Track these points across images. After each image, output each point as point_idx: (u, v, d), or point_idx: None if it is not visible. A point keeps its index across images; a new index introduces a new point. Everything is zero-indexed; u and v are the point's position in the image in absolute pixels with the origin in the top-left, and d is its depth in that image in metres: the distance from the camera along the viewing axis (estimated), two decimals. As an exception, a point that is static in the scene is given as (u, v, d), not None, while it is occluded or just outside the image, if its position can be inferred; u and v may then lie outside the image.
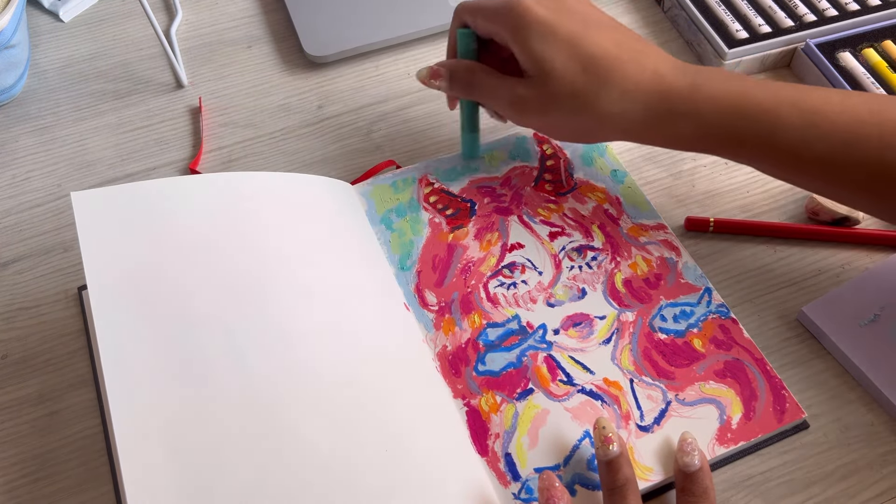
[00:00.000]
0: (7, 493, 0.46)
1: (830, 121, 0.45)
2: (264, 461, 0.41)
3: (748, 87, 0.47)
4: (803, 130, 0.45)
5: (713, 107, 0.47)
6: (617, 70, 0.47)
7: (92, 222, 0.47)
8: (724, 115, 0.46)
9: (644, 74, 0.47)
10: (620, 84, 0.47)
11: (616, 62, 0.47)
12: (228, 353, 0.44)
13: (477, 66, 0.52)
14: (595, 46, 0.48)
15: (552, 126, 0.51)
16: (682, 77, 0.48)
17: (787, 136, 0.46)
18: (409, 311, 0.51)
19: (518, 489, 0.44)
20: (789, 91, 0.46)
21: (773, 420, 0.46)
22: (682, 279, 0.52)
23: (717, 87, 0.47)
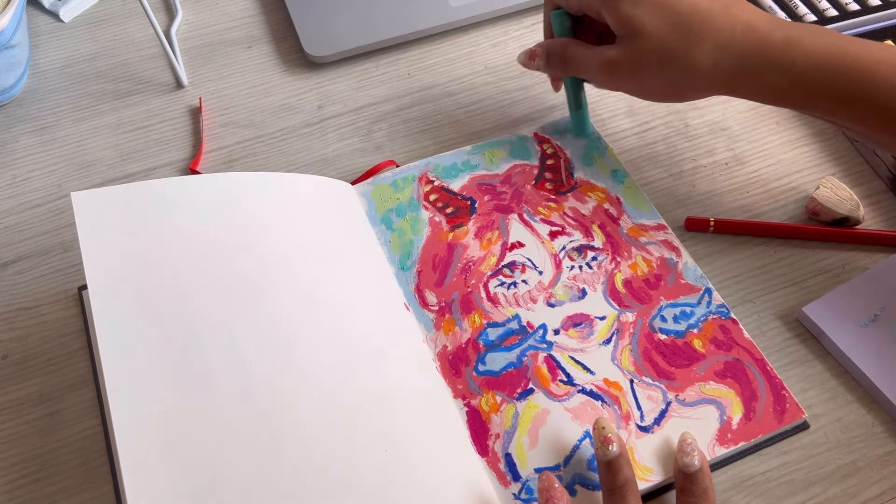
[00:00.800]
0: (7, 493, 0.46)
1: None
2: (264, 462, 0.41)
3: (846, 44, 0.46)
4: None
5: (809, 60, 0.46)
6: (708, 23, 0.48)
7: (92, 222, 0.47)
8: (819, 70, 0.46)
9: (737, 26, 0.47)
10: (713, 37, 0.48)
11: (707, 15, 0.48)
12: (228, 353, 0.44)
13: (569, 41, 0.54)
14: (685, 3, 0.48)
15: (643, 85, 0.52)
16: (778, 30, 0.47)
17: (885, 95, 0.45)
18: (410, 312, 0.51)
19: (518, 489, 0.44)
20: (888, 52, 0.46)
21: (774, 420, 0.46)
22: (682, 279, 0.52)
23: (814, 41, 0.46)
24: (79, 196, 0.48)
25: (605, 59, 0.51)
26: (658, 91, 0.52)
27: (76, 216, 0.47)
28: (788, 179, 0.59)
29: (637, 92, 0.53)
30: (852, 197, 0.55)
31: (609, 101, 0.64)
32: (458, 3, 0.69)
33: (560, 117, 0.61)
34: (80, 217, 0.47)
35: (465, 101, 0.65)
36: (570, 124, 0.60)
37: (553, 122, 0.60)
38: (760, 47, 0.47)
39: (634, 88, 0.53)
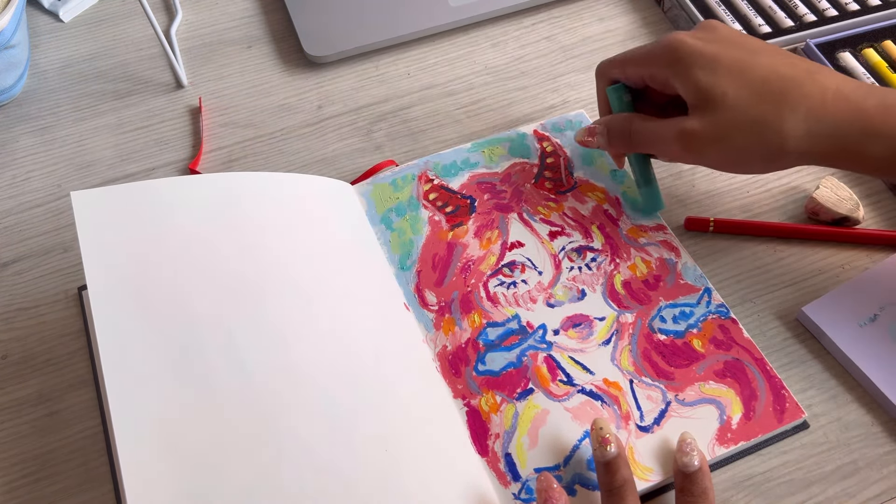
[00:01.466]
0: (7, 493, 0.46)
1: None
2: (263, 462, 0.41)
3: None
4: None
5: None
6: (795, 90, 0.45)
7: (91, 222, 0.47)
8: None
9: (827, 94, 0.45)
10: (804, 103, 0.45)
11: (793, 83, 0.45)
12: (228, 353, 0.44)
13: (633, 116, 0.51)
14: (765, 69, 0.45)
15: (729, 157, 0.48)
16: (870, 96, 0.45)
17: None
18: (409, 311, 0.51)
19: (518, 489, 0.44)
20: None
21: (773, 420, 0.46)
22: (681, 280, 0.52)
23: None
24: (78, 196, 0.48)
25: (684, 131, 0.47)
26: (745, 163, 0.48)
27: (76, 216, 0.47)
28: (788, 179, 0.59)
29: (720, 164, 0.49)
30: (852, 197, 0.55)
31: (609, 101, 0.64)
32: (458, 3, 0.69)
33: (559, 116, 0.61)
34: (80, 217, 0.47)
35: (465, 101, 0.65)
36: (569, 122, 0.60)
37: (553, 120, 0.60)
38: (856, 115, 0.44)
39: (718, 161, 0.49)
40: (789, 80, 0.45)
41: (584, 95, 0.65)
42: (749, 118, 0.45)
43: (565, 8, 0.71)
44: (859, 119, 0.44)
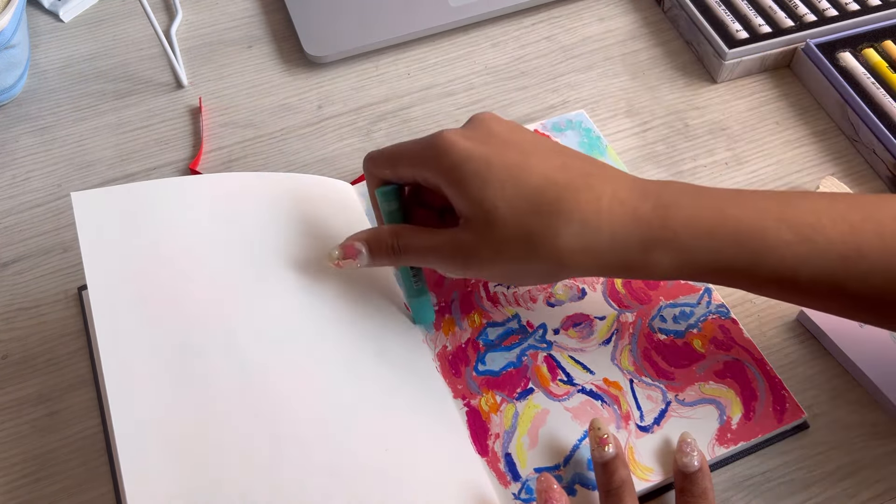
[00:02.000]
0: (7, 493, 0.46)
1: (824, 234, 0.39)
2: (263, 461, 0.41)
3: (724, 205, 0.41)
4: (796, 248, 0.39)
5: (689, 234, 0.40)
6: (569, 200, 0.40)
7: (92, 222, 0.47)
8: (703, 243, 0.40)
9: (602, 201, 0.40)
10: (578, 215, 0.40)
11: (566, 191, 0.40)
12: (227, 353, 0.44)
13: (401, 229, 0.45)
14: (539, 177, 0.41)
15: (506, 273, 0.44)
16: (645, 199, 0.41)
17: (779, 257, 0.40)
18: (409, 311, 0.51)
19: (518, 489, 0.44)
20: (771, 204, 0.41)
21: (774, 420, 0.46)
22: (682, 279, 0.52)
23: (689, 207, 0.40)
24: (78, 196, 0.48)
25: (456, 246, 0.43)
26: (524, 278, 0.44)
27: (76, 216, 0.47)
28: (788, 179, 0.59)
29: (499, 279, 0.47)
30: (852, 197, 0.55)
31: (609, 100, 0.64)
32: (458, 3, 0.69)
33: (559, 117, 0.61)
34: (80, 217, 0.47)
35: (465, 102, 0.65)
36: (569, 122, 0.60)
37: (554, 120, 0.60)
38: (633, 222, 0.40)
39: (495, 276, 0.45)
40: (563, 187, 0.41)
41: (584, 95, 0.65)
42: (522, 234, 0.41)
43: (565, 8, 0.71)
44: (637, 225, 0.40)
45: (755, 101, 0.64)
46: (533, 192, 0.41)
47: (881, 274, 0.39)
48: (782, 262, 0.40)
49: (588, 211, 0.40)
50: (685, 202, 0.41)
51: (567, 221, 0.40)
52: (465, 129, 0.44)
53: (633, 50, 0.68)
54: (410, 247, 0.44)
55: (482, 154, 0.42)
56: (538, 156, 0.42)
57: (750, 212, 0.40)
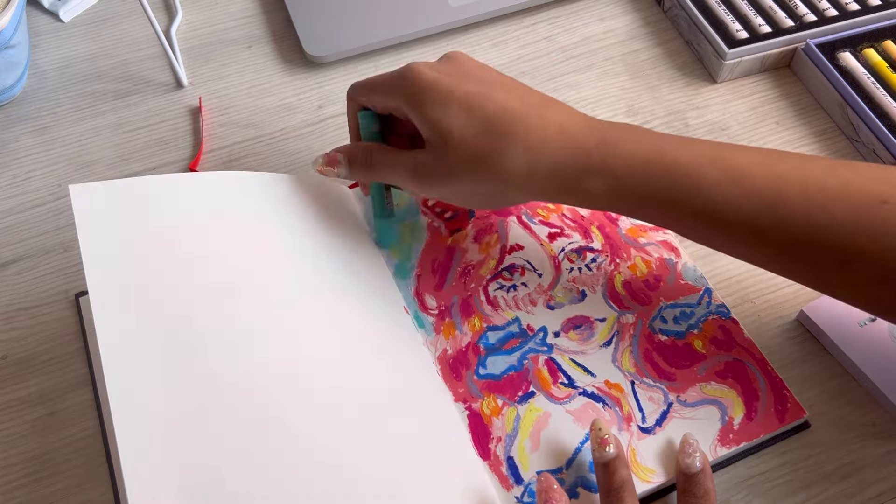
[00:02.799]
0: (7, 493, 0.46)
1: (752, 179, 0.42)
2: (263, 462, 0.41)
3: (664, 144, 0.43)
4: (725, 188, 0.42)
5: (626, 165, 0.43)
6: (519, 126, 0.44)
7: (90, 216, 0.47)
8: (638, 174, 0.43)
9: (549, 130, 0.44)
10: (523, 141, 0.44)
11: (517, 118, 0.44)
12: (226, 352, 0.44)
13: (374, 146, 0.50)
14: (494, 104, 0.45)
15: (458, 193, 0.48)
16: (591, 133, 0.44)
17: (708, 196, 0.42)
18: (409, 315, 0.51)
19: (521, 493, 0.44)
20: (707, 148, 0.43)
21: (775, 420, 0.46)
22: (681, 280, 0.52)
23: (630, 144, 0.43)
24: (77, 189, 0.47)
25: (417, 165, 0.47)
26: (476, 199, 0.49)
27: (74, 210, 0.46)
28: (788, 180, 0.59)
29: (453, 199, 0.49)
30: (852, 197, 0.55)
31: (609, 100, 0.64)
32: (458, 3, 0.69)
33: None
34: (79, 211, 0.47)
35: (466, 102, 0.65)
36: None
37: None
38: (575, 151, 0.44)
39: (449, 195, 0.48)
40: (515, 115, 0.44)
41: (585, 95, 0.65)
42: (473, 155, 0.45)
43: (565, 8, 0.71)
44: (578, 155, 0.44)
45: (755, 101, 0.64)
46: (488, 118, 0.44)
47: (800, 224, 0.41)
48: (710, 201, 0.42)
49: (535, 138, 0.44)
50: (628, 139, 0.44)
51: (514, 145, 0.44)
52: (435, 63, 0.49)
53: (633, 50, 0.68)
54: (380, 163, 0.49)
55: (446, 84, 0.46)
56: (499, 89, 0.46)
57: (686, 153, 0.43)
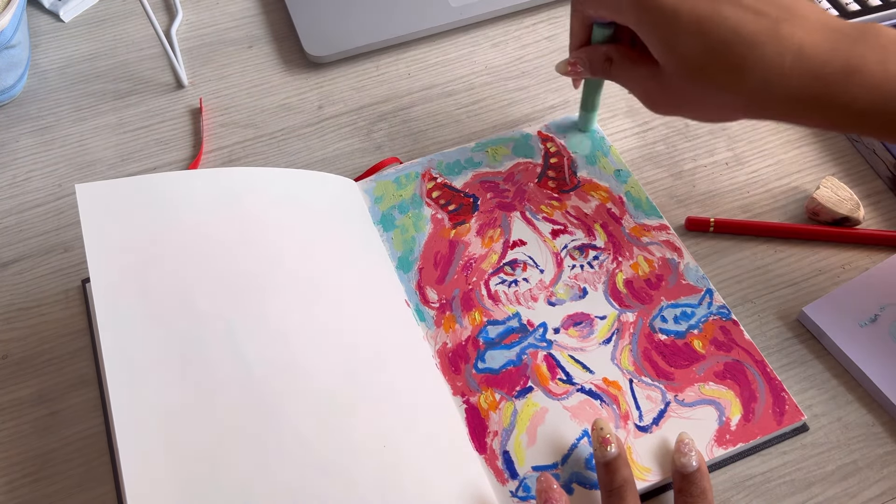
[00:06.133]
0: (8, 493, 0.46)
1: None
2: (263, 459, 0.41)
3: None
4: None
5: (871, 97, 0.40)
6: (754, 54, 0.42)
7: (96, 215, 0.47)
8: (880, 108, 0.40)
9: (785, 58, 0.41)
10: (759, 73, 0.42)
11: (752, 47, 0.41)
12: (229, 347, 0.44)
13: (613, 52, 0.50)
14: (726, 29, 0.42)
15: (687, 115, 0.49)
16: (833, 55, 0.41)
17: None
18: (410, 308, 0.51)
19: (516, 487, 0.44)
20: None
21: (773, 422, 0.46)
22: (683, 280, 0.52)
23: (876, 73, 0.40)
24: (83, 188, 0.48)
25: (648, 88, 0.48)
26: (702, 118, 0.49)
27: (80, 209, 0.47)
28: (788, 179, 0.59)
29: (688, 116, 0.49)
30: (852, 197, 0.55)
31: (609, 100, 0.64)
32: (458, 3, 0.69)
33: (563, 117, 0.61)
34: (84, 210, 0.47)
35: (465, 101, 0.65)
36: (573, 123, 0.60)
37: (557, 120, 0.60)
38: (813, 81, 0.41)
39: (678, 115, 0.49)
40: (750, 41, 0.42)
41: (585, 95, 0.65)
42: (704, 85, 0.44)
43: (565, 8, 0.71)
44: (817, 87, 0.41)
45: (755, 100, 0.64)
46: (719, 45, 0.42)
47: None
48: None
49: (771, 70, 0.42)
50: (873, 67, 0.40)
51: (748, 78, 0.42)
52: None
53: (634, 50, 0.68)
54: (619, 71, 0.50)
55: (673, 3, 0.43)
56: (730, 2, 0.43)
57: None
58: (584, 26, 0.51)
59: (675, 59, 0.44)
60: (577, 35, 0.52)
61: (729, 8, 0.42)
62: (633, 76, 0.49)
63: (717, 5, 0.43)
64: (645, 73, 0.48)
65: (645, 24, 0.45)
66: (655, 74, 0.47)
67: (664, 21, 0.44)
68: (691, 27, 0.43)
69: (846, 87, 0.41)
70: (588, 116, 0.59)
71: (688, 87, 0.45)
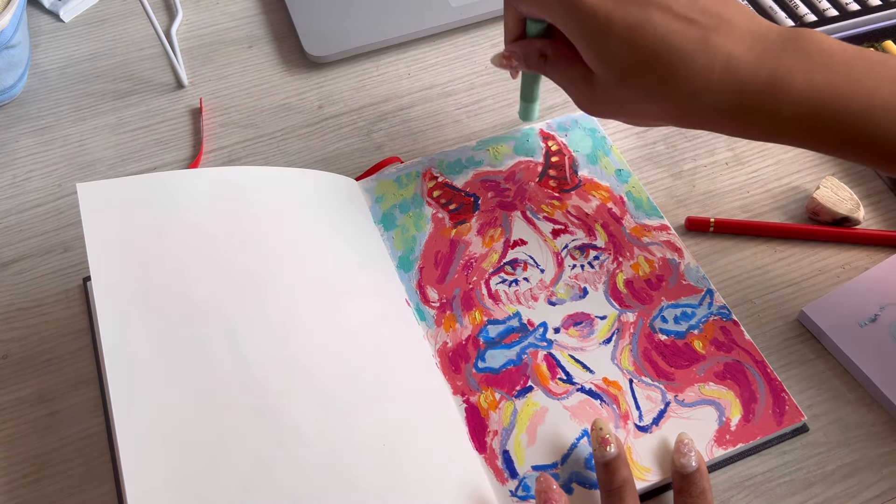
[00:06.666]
0: (8, 493, 0.46)
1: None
2: (263, 455, 0.41)
3: (837, 83, 0.40)
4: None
5: (793, 107, 0.41)
6: (684, 64, 0.41)
7: (97, 214, 0.47)
8: (805, 117, 0.41)
9: (714, 68, 0.41)
10: (689, 83, 0.42)
11: (681, 57, 0.41)
12: (229, 345, 0.44)
13: (548, 47, 0.49)
14: (656, 38, 0.42)
15: (619, 119, 0.48)
16: (760, 65, 0.41)
17: (881, 141, 0.40)
18: (410, 307, 0.51)
19: (515, 486, 0.44)
20: (885, 88, 0.40)
21: (773, 423, 0.46)
22: (683, 280, 0.52)
23: (800, 84, 0.40)
24: (84, 187, 0.48)
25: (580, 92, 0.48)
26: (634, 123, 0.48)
27: (81, 208, 0.47)
28: (788, 179, 0.59)
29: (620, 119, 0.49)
30: (852, 197, 0.55)
31: (609, 100, 0.64)
32: (458, 3, 0.69)
33: (565, 116, 0.61)
34: (85, 208, 0.47)
35: (465, 101, 0.65)
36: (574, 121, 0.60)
37: (558, 119, 0.60)
38: (740, 93, 0.41)
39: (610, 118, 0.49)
40: (679, 51, 0.41)
41: (585, 95, 0.65)
42: (634, 93, 0.44)
43: (566, 8, 0.71)
44: (742, 98, 0.41)
45: (755, 100, 0.64)
46: (649, 55, 0.42)
47: None
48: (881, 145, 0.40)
49: (699, 80, 0.42)
50: (799, 70, 0.41)
51: (677, 87, 0.42)
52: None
53: (634, 50, 0.68)
54: (553, 67, 0.49)
55: (605, 11, 0.43)
56: (661, 10, 0.42)
57: (861, 94, 0.40)
58: (517, 20, 0.50)
59: (605, 66, 0.44)
60: (510, 29, 0.51)
61: (659, 16, 0.42)
62: (566, 76, 0.49)
63: (648, 13, 0.42)
64: (577, 75, 0.47)
65: (575, 29, 0.44)
66: (587, 77, 0.46)
67: (595, 27, 0.43)
68: (623, 35, 0.42)
69: (772, 98, 0.41)
70: (528, 107, 0.58)
71: (618, 93, 0.45)
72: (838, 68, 0.41)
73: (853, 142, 0.41)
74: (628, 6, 0.43)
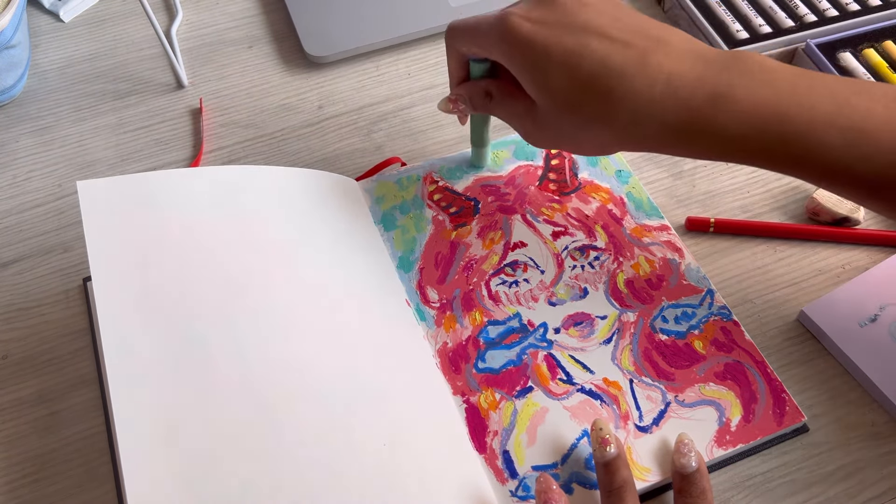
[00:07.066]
0: (8, 493, 0.46)
1: (874, 140, 0.39)
2: (263, 454, 0.41)
3: (780, 100, 0.40)
4: (842, 151, 0.40)
5: (736, 124, 0.40)
6: (623, 86, 0.41)
7: (97, 212, 0.47)
8: (748, 133, 0.40)
9: (654, 88, 0.41)
10: (628, 104, 0.41)
11: (621, 78, 0.41)
12: (229, 344, 0.44)
13: (492, 87, 0.49)
14: (594, 62, 0.42)
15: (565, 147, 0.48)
16: (700, 84, 0.41)
17: (824, 157, 0.40)
18: (410, 307, 0.51)
19: (515, 486, 0.44)
20: (827, 105, 0.40)
21: (773, 423, 0.46)
22: (684, 280, 0.52)
23: (743, 100, 0.40)
24: (84, 185, 0.48)
25: (524, 126, 0.48)
26: (581, 151, 0.48)
27: (81, 206, 0.47)
28: (788, 179, 0.59)
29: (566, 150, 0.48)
30: (852, 197, 0.55)
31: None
32: (458, 3, 0.69)
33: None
34: (86, 207, 0.47)
35: (466, 101, 0.65)
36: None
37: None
38: (682, 112, 0.41)
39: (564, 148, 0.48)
40: (618, 73, 0.41)
41: (585, 95, 0.65)
42: (576, 119, 0.44)
43: (566, 8, 0.71)
44: (683, 117, 0.41)
45: (755, 101, 0.64)
46: (588, 78, 0.42)
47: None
48: (826, 164, 0.40)
49: (639, 101, 0.41)
50: (741, 86, 0.40)
51: (618, 109, 0.42)
52: (528, 9, 0.45)
53: (634, 50, 0.68)
54: (499, 106, 0.49)
55: (542, 40, 0.43)
56: (598, 36, 0.42)
57: (804, 112, 0.40)
58: (460, 63, 0.50)
59: (546, 95, 0.44)
60: (454, 72, 0.51)
61: (597, 41, 0.42)
62: (511, 112, 0.48)
63: (585, 39, 0.42)
64: (521, 109, 0.47)
65: (515, 61, 0.44)
66: (530, 110, 0.46)
67: (533, 57, 0.43)
68: (561, 63, 0.42)
69: (714, 116, 0.41)
70: (479, 152, 0.57)
71: (561, 122, 0.45)
72: (780, 85, 0.41)
73: (798, 159, 0.41)
74: (565, 34, 0.43)
